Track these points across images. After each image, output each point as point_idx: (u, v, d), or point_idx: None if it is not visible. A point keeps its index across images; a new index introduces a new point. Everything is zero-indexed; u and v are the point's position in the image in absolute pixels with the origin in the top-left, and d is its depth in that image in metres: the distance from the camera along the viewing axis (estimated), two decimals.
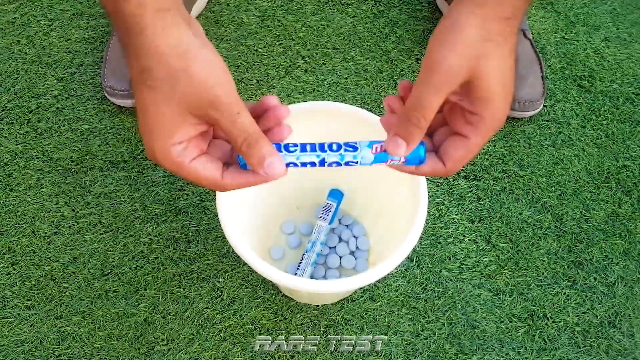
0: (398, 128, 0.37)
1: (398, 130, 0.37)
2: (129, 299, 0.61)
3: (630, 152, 0.73)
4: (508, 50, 0.35)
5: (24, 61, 0.76)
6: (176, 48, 0.34)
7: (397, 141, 0.37)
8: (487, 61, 0.34)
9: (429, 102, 0.35)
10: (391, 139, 0.37)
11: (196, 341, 0.59)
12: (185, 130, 0.36)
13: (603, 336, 0.61)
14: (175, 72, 0.34)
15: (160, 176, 0.68)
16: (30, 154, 0.69)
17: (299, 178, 0.62)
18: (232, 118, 0.35)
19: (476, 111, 0.36)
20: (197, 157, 0.37)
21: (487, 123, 0.37)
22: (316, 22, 0.81)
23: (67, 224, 0.65)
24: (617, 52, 0.81)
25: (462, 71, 0.34)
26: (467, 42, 0.34)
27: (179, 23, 0.35)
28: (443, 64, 0.34)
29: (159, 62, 0.34)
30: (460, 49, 0.34)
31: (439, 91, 0.35)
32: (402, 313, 0.61)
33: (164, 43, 0.34)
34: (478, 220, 0.67)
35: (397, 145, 0.37)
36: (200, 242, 0.64)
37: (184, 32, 0.35)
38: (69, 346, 0.58)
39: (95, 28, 0.79)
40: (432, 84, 0.35)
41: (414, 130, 0.36)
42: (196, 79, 0.34)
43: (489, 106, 0.36)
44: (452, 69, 0.34)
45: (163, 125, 0.35)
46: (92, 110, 0.73)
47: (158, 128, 0.35)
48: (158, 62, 0.34)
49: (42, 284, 0.61)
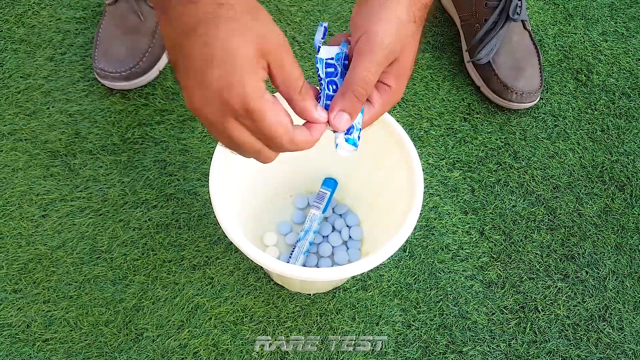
0: (343, 103, 0.38)
1: (344, 105, 0.38)
2: (118, 285, 0.60)
3: (625, 147, 0.73)
4: (419, 35, 0.39)
5: (12, 40, 0.74)
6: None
7: (343, 116, 0.38)
8: (409, 42, 0.38)
9: (372, 78, 0.37)
10: (337, 114, 0.38)
11: (186, 328, 0.58)
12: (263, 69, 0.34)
13: (593, 329, 0.61)
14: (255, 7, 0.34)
15: (150, 161, 0.67)
16: (18, 135, 0.68)
17: (294, 166, 0.61)
18: (295, 62, 0.35)
19: (389, 83, 0.39)
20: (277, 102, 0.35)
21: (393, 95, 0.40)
22: (312, 7, 0.80)
23: (56, 208, 0.64)
24: (615, 46, 0.81)
25: (397, 50, 0.37)
26: (401, 22, 0.37)
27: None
28: (384, 42, 0.36)
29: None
30: (398, 28, 0.37)
31: (380, 67, 0.37)
32: (393, 303, 0.60)
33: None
34: (472, 211, 0.67)
35: (342, 120, 0.38)
36: (191, 229, 0.63)
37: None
38: (56, 331, 0.57)
39: (87, 8, 0.77)
40: (375, 61, 0.37)
41: (358, 104, 0.38)
42: (270, 19, 0.34)
43: (399, 82, 0.39)
44: (392, 48, 0.37)
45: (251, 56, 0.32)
46: (82, 92, 0.71)
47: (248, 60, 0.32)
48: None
49: (30, 267, 0.60)
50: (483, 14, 0.73)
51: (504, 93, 0.71)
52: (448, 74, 0.76)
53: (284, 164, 0.60)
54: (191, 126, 0.70)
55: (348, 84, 0.37)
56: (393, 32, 0.37)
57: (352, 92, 0.37)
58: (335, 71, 0.39)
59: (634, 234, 0.67)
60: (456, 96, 0.75)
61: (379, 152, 0.54)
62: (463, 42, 0.78)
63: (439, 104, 0.74)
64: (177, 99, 0.72)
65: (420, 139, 0.71)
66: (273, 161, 0.38)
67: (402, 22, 0.37)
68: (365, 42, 0.37)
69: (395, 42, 0.37)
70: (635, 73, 0.79)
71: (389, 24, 0.37)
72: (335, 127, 0.38)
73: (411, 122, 0.72)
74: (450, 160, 0.70)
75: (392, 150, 0.53)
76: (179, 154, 0.68)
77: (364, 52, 0.37)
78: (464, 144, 0.71)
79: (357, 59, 0.37)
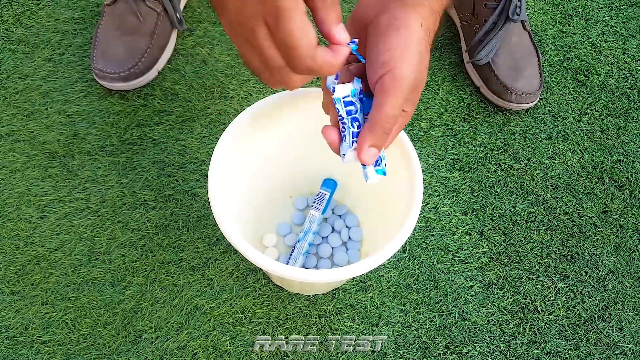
0: (373, 139, 0.39)
1: (374, 141, 0.39)
2: (117, 286, 0.60)
3: (624, 148, 0.73)
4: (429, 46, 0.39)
5: (10, 41, 0.74)
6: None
7: (372, 151, 0.39)
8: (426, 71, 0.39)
9: (398, 113, 0.38)
10: (367, 150, 0.39)
11: (185, 329, 0.58)
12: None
13: (592, 330, 0.61)
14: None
15: (149, 162, 0.67)
16: (16, 136, 0.67)
17: (293, 166, 0.61)
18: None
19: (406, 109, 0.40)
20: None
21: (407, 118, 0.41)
22: None
23: (54, 209, 0.63)
24: (614, 46, 0.80)
25: (419, 82, 0.38)
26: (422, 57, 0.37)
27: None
28: (410, 80, 0.37)
29: None
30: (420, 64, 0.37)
31: (406, 102, 0.38)
32: (393, 304, 0.60)
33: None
34: (471, 212, 0.66)
35: (372, 155, 0.39)
36: (190, 230, 0.63)
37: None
38: (54, 333, 0.57)
39: (85, 8, 0.77)
40: (402, 99, 0.37)
41: (385, 139, 0.39)
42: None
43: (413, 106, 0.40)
44: (416, 83, 0.38)
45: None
46: (80, 93, 0.71)
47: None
48: None
49: (28, 269, 0.60)
50: (483, 15, 0.73)
51: (503, 94, 0.71)
52: (448, 74, 0.76)
53: (284, 164, 0.60)
54: (190, 127, 0.69)
55: (376, 120, 0.38)
56: (417, 69, 0.37)
57: (381, 128, 0.38)
58: (355, 108, 0.40)
59: (634, 234, 0.67)
60: (456, 97, 0.75)
61: None
62: (463, 42, 0.77)
63: (439, 105, 0.74)
64: (176, 99, 0.71)
65: (419, 139, 0.71)
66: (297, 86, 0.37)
67: (422, 57, 0.38)
68: (391, 80, 0.37)
69: (418, 77, 0.38)
70: (634, 73, 0.79)
71: (413, 62, 0.37)
72: (366, 162, 0.39)
73: (410, 123, 0.72)
74: (450, 160, 0.70)
75: (391, 150, 0.52)
76: (177, 155, 0.67)
77: (390, 90, 0.37)
78: (464, 144, 0.71)
79: (384, 97, 0.38)
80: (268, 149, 0.56)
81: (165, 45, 0.73)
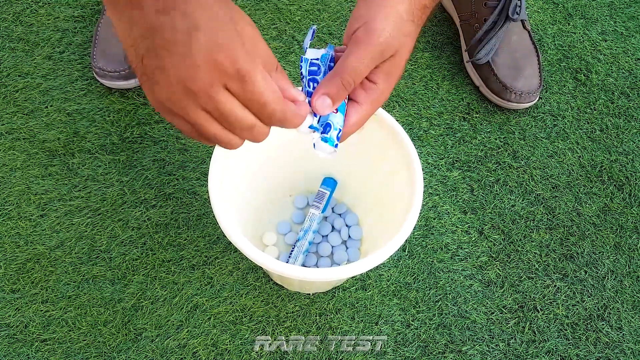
0: (328, 88, 0.37)
1: (329, 89, 0.37)
2: (117, 284, 0.60)
3: (624, 147, 0.73)
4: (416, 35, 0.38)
5: (10, 39, 0.74)
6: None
7: (325, 100, 0.37)
8: (407, 41, 0.37)
9: (363, 69, 0.36)
10: (320, 97, 0.37)
11: (185, 328, 0.58)
12: None
13: (592, 329, 0.61)
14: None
15: (149, 160, 0.67)
16: (16, 135, 0.67)
17: (293, 165, 0.61)
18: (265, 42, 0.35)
19: (377, 81, 0.38)
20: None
21: (381, 94, 0.39)
22: (312, 6, 0.80)
23: (54, 207, 0.63)
24: (614, 45, 0.81)
25: (394, 47, 0.36)
26: (401, 19, 0.36)
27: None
28: (382, 36, 0.35)
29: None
30: (397, 25, 0.36)
31: (374, 61, 0.36)
32: (393, 303, 0.60)
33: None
34: (471, 211, 0.67)
35: (324, 104, 0.37)
36: (190, 228, 0.63)
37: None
38: (54, 331, 0.57)
39: (85, 6, 0.77)
40: (370, 54, 0.36)
41: (343, 93, 0.37)
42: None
43: (388, 81, 0.38)
44: (389, 44, 0.36)
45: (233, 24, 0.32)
46: (80, 91, 0.71)
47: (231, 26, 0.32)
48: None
49: (28, 267, 0.60)
50: (482, 14, 0.73)
51: (503, 93, 0.71)
52: (447, 73, 0.76)
53: (284, 163, 0.60)
54: None
55: (338, 70, 0.37)
56: (392, 28, 0.36)
57: (340, 78, 0.37)
58: (319, 70, 0.38)
59: (633, 234, 0.67)
60: (455, 95, 0.75)
61: (378, 151, 0.54)
62: (462, 41, 0.77)
63: (439, 104, 0.74)
64: None
65: (419, 138, 0.71)
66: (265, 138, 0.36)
67: (402, 20, 0.37)
68: (363, 32, 0.36)
69: (393, 38, 0.36)
70: (634, 72, 0.79)
71: (389, 19, 0.36)
72: (317, 109, 0.37)
73: (410, 122, 0.72)
74: (450, 159, 0.70)
75: (391, 149, 0.52)
76: (178, 153, 0.67)
77: (360, 42, 0.36)
78: (463, 143, 0.71)
79: (351, 48, 0.36)
80: (268, 148, 0.56)
81: None
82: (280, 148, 0.57)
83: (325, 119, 0.38)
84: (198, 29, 0.31)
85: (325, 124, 0.38)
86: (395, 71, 0.38)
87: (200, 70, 0.31)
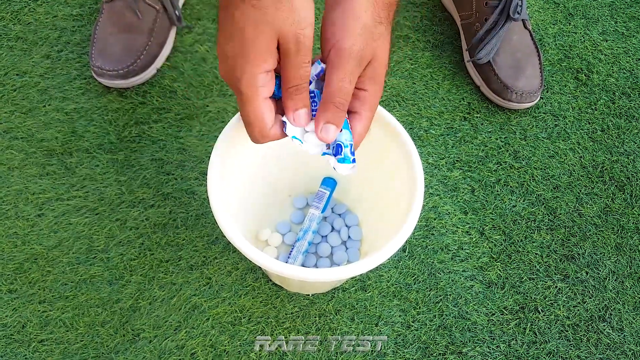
0: (325, 116, 0.39)
1: (326, 117, 0.39)
2: (115, 285, 0.59)
3: (625, 147, 0.72)
4: (388, 34, 0.40)
5: (8, 37, 0.74)
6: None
7: (329, 128, 0.40)
8: (380, 43, 0.39)
9: (348, 86, 0.38)
10: (323, 127, 0.40)
11: (183, 329, 0.57)
12: (273, 59, 0.37)
13: (593, 330, 0.61)
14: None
15: (148, 160, 0.66)
16: (14, 134, 0.67)
17: (293, 165, 0.61)
18: (301, 63, 0.37)
19: (366, 87, 0.40)
20: (268, 99, 0.39)
21: (374, 98, 0.41)
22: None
23: (52, 207, 0.63)
24: (615, 45, 0.80)
25: (368, 55, 0.38)
26: (367, 28, 0.38)
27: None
28: (353, 51, 0.37)
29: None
30: (364, 36, 0.37)
31: (354, 75, 0.38)
32: (393, 304, 0.60)
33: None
34: (472, 211, 0.66)
35: (329, 132, 0.40)
36: (188, 228, 0.63)
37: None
38: (52, 331, 0.57)
39: (83, 5, 0.77)
40: (347, 71, 0.38)
41: (341, 114, 0.39)
42: (296, 11, 0.35)
43: (375, 84, 0.40)
44: (362, 57, 0.38)
45: (259, 48, 0.36)
46: (78, 90, 0.70)
47: (254, 50, 0.36)
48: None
49: (25, 267, 0.60)
50: (483, 13, 0.72)
51: (503, 93, 0.71)
52: (448, 72, 0.76)
53: (283, 163, 0.60)
54: (189, 125, 0.69)
55: (326, 96, 0.39)
56: (360, 40, 0.38)
57: (331, 103, 0.39)
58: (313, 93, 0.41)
59: (634, 234, 0.66)
60: (456, 95, 0.74)
61: (378, 151, 0.54)
62: (463, 41, 0.77)
63: (439, 103, 0.73)
64: (175, 97, 0.71)
65: (420, 138, 0.71)
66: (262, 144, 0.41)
67: (368, 28, 0.38)
68: (335, 55, 0.38)
69: (363, 49, 0.38)
70: (635, 73, 0.78)
71: (354, 33, 0.38)
72: (323, 139, 0.40)
73: (411, 121, 0.72)
74: (450, 159, 0.69)
75: (392, 149, 0.52)
76: (176, 153, 0.67)
77: (334, 64, 0.38)
78: (464, 143, 0.71)
79: (329, 72, 0.38)
80: (267, 147, 0.56)
81: (164, 43, 0.73)
82: (280, 147, 0.57)
83: (335, 141, 0.40)
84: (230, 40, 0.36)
85: (336, 147, 0.40)
86: (379, 73, 0.40)
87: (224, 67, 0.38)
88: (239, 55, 0.36)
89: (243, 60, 0.36)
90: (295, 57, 0.36)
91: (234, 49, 0.36)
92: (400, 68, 0.76)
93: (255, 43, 0.35)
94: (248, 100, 0.37)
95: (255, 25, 0.35)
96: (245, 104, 0.38)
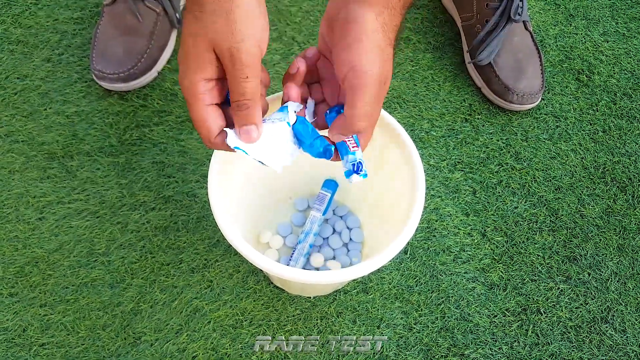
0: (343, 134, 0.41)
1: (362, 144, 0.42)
2: (116, 288, 0.59)
3: (627, 148, 0.72)
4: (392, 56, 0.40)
5: (9, 41, 0.74)
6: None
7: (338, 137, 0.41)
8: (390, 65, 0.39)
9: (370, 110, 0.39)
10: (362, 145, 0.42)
11: (184, 332, 0.57)
12: (213, 68, 0.38)
13: (595, 331, 0.60)
14: (220, 9, 0.36)
15: (149, 163, 0.66)
16: (14, 137, 0.67)
17: (294, 167, 0.60)
18: (238, 77, 0.37)
19: None
20: (214, 106, 0.40)
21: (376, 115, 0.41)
22: (312, 7, 0.79)
23: (52, 210, 0.63)
24: (616, 46, 0.80)
25: (385, 77, 0.39)
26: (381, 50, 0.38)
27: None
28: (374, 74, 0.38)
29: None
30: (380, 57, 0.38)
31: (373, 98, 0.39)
32: (395, 306, 0.60)
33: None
34: (473, 213, 0.66)
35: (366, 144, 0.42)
36: (189, 231, 0.62)
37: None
38: (53, 335, 0.57)
39: (84, 8, 0.77)
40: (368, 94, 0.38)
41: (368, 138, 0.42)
42: (232, 24, 0.36)
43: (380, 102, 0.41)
44: (381, 77, 0.38)
45: (197, 57, 0.37)
46: (79, 93, 0.70)
47: (192, 59, 0.37)
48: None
49: (26, 270, 0.60)
50: (484, 15, 0.72)
51: (505, 94, 0.71)
52: (449, 74, 0.76)
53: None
54: (190, 127, 0.69)
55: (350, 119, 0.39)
56: (378, 61, 0.38)
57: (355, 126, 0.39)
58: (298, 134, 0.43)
59: (636, 235, 0.66)
60: (457, 97, 0.74)
61: (380, 153, 0.54)
62: (464, 42, 0.77)
63: (440, 105, 0.73)
64: (176, 100, 0.71)
65: (421, 139, 0.70)
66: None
67: (382, 49, 0.38)
68: (355, 77, 0.38)
69: (382, 71, 0.38)
70: (636, 73, 0.78)
71: (372, 55, 0.38)
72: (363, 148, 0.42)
73: (412, 123, 0.72)
74: (452, 161, 0.69)
75: (393, 151, 0.52)
76: (177, 156, 0.67)
77: (357, 87, 0.38)
78: (465, 145, 0.71)
79: (353, 95, 0.38)
80: None
81: (165, 46, 0.73)
82: None
83: (354, 159, 0.42)
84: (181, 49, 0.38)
85: (357, 164, 0.42)
86: (383, 94, 0.40)
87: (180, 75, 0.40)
88: (182, 62, 0.38)
89: (185, 66, 0.38)
90: (232, 71, 0.37)
91: (180, 56, 0.38)
92: (401, 70, 0.76)
93: (192, 52, 0.37)
94: (190, 106, 0.39)
95: (194, 35, 0.37)
96: (189, 109, 0.39)
